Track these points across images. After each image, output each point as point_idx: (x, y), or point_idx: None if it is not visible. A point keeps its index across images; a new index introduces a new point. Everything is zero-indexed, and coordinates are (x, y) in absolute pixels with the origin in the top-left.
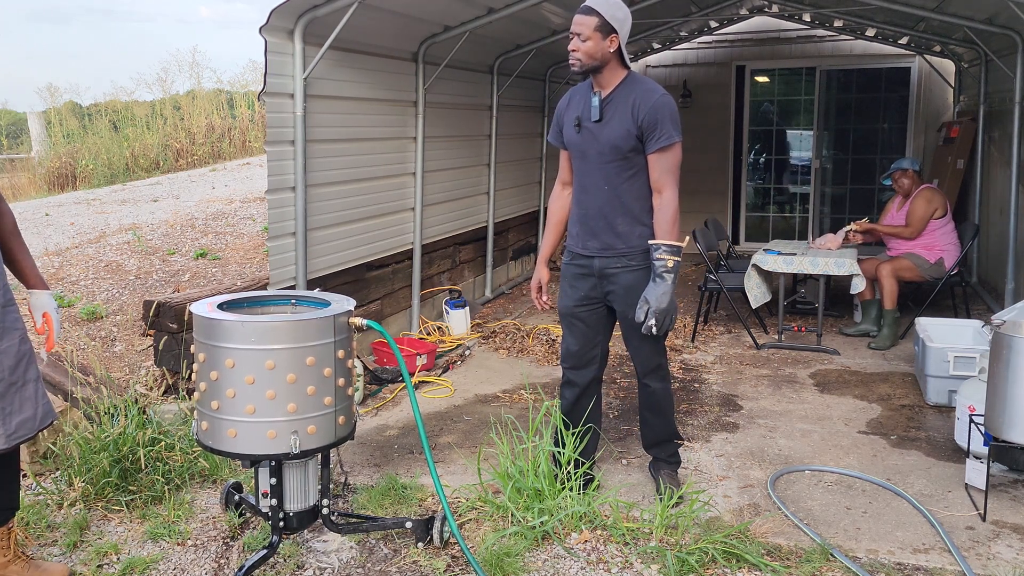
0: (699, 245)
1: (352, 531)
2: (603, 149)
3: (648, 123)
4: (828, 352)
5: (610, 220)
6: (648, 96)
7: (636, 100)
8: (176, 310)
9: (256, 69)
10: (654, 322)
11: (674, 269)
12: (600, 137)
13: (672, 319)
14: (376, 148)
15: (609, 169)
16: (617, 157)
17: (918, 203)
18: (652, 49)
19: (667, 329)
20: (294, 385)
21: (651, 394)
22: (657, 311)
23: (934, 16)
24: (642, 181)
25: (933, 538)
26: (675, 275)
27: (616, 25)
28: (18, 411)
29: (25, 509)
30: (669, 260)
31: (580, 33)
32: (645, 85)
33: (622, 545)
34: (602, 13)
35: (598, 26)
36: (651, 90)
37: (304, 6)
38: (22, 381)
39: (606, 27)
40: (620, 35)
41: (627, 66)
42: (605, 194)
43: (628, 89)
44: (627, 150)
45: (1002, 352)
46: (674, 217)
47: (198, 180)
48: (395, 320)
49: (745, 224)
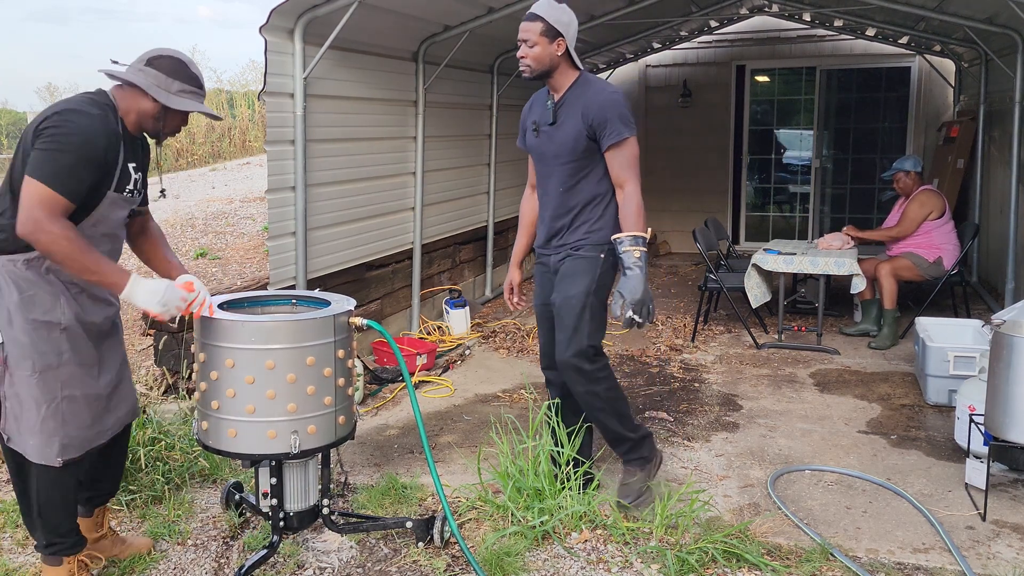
0: (699, 245)
1: (352, 531)
2: (558, 151)
3: (598, 122)
4: (828, 352)
5: (567, 220)
6: (597, 96)
7: (586, 101)
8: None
9: (256, 69)
10: (632, 313)
11: (642, 259)
12: (555, 139)
13: (650, 309)
14: (376, 148)
15: (564, 171)
16: (572, 159)
17: (913, 205)
18: (652, 49)
19: (649, 319)
20: (294, 385)
21: (578, 396)
22: (633, 302)
23: (934, 16)
24: (596, 181)
25: (933, 538)
26: (644, 265)
27: (561, 29)
28: (125, 400)
29: None
30: (635, 251)
31: (527, 40)
32: (595, 85)
33: (622, 545)
34: (546, 18)
35: (543, 31)
36: (600, 90)
37: (304, 6)
38: (125, 378)
39: (551, 31)
40: (567, 38)
41: (579, 67)
42: (561, 196)
43: (580, 90)
44: (580, 151)
45: (1002, 352)
46: (638, 210)
47: (198, 180)
48: (395, 320)
49: (745, 224)
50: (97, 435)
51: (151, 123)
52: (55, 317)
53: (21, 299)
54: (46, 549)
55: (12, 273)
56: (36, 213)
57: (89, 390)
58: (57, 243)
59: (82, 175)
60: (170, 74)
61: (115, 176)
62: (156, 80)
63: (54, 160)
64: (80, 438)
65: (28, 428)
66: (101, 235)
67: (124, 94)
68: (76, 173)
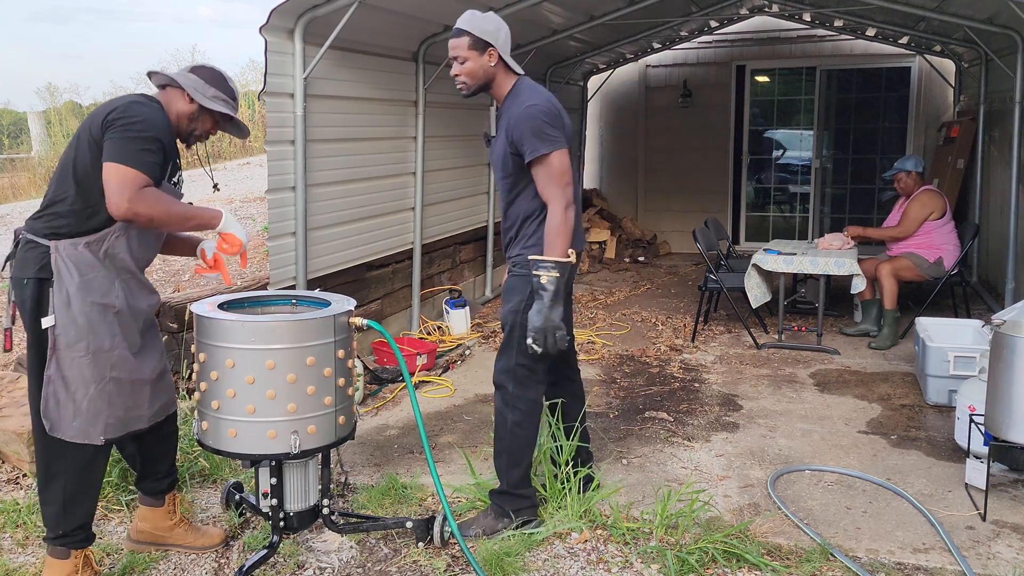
0: (699, 245)
1: (352, 531)
2: (496, 164)
3: (516, 138)
4: (828, 352)
5: (511, 234)
6: (516, 110)
7: (509, 115)
8: (176, 310)
9: (256, 69)
10: (530, 341)
11: (550, 284)
12: (494, 152)
13: (553, 339)
14: (376, 148)
15: (504, 185)
16: (505, 174)
17: (914, 205)
18: (652, 49)
19: (550, 348)
20: (294, 385)
21: (495, 410)
22: (532, 329)
23: (934, 16)
24: (531, 197)
25: (933, 538)
26: (552, 292)
27: (489, 38)
28: (161, 396)
29: (26, 509)
30: (543, 276)
31: (457, 56)
32: (519, 97)
33: (622, 545)
34: (471, 31)
35: (471, 44)
36: (521, 102)
37: (304, 6)
38: (165, 370)
39: (479, 43)
40: (497, 46)
41: (517, 73)
42: (505, 209)
43: (510, 102)
44: (511, 167)
45: (1002, 352)
46: (557, 230)
47: (198, 180)
48: (395, 320)
49: (745, 224)
50: (137, 419)
51: (186, 123)
52: (110, 300)
53: (82, 282)
54: (58, 540)
55: (73, 257)
56: (127, 192)
57: (135, 375)
58: (153, 209)
59: (153, 158)
60: (208, 81)
61: (168, 166)
62: (195, 84)
63: (131, 144)
64: (123, 419)
65: (73, 409)
66: None
67: (166, 96)
68: (149, 155)
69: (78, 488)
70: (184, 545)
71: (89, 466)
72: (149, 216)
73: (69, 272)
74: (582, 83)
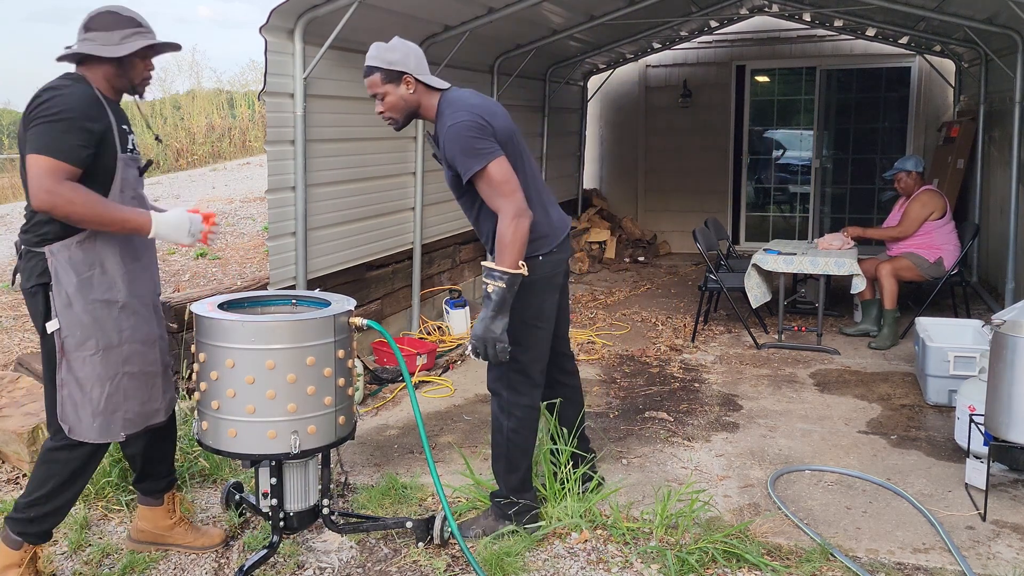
0: (699, 245)
1: (352, 531)
2: (449, 187)
3: (449, 159)
4: (828, 352)
5: (489, 245)
6: (442, 131)
7: (441, 137)
8: (176, 310)
9: (256, 69)
10: (470, 349)
11: (494, 296)
12: (445, 175)
13: (495, 349)
14: (376, 148)
15: (463, 203)
16: (459, 192)
17: (914, 205)
18: (652, 49)
19: (491, 359)
20: (294, 385)
21: (492, 415)
22: (473, 337)
23: (934, 16)
24: (490, 210)
25: (933, 538)
26: (496, 303)
27: (399, 67)
28: (169, 388)
29: None
30: (489, 285)
31: (375, 94)
32: (442, 118)
33: (622, 545)
34: (379, 66)
35: (384, 79)
36: (444, 124)
37: (304, 6)
38: (169, 364)
39: (392, 75)
40: (410, 71)
41: (439, 90)
42: (474, 224)
43: (439, 123)
44: (460, 186)
45: (1002, 352)
46: (505, 240)
47: (198, 180)
48: (395, 320)
49: (745, 224)
50: (155, 412)
51: (120, 81)
52: (113, 295)
53: (79, 281)
54: (23, 526)
55: (68, 258)
56: (44, 183)
57: (147, 367)
58: (72, 203)
59: (74, 140)
60: (109, 28)
61: (115, 138)
62: (101, 40)
63: (46, 132)
64: (141, 413)
65: (92, 409)
66: (130, 198)
67: (85, 68)
68: (69, 139)
69: (73, 484)
70: (184, 545)
71: (90, 464)
72: (67, 211)
73: (67, 274)
74: (582, 83)
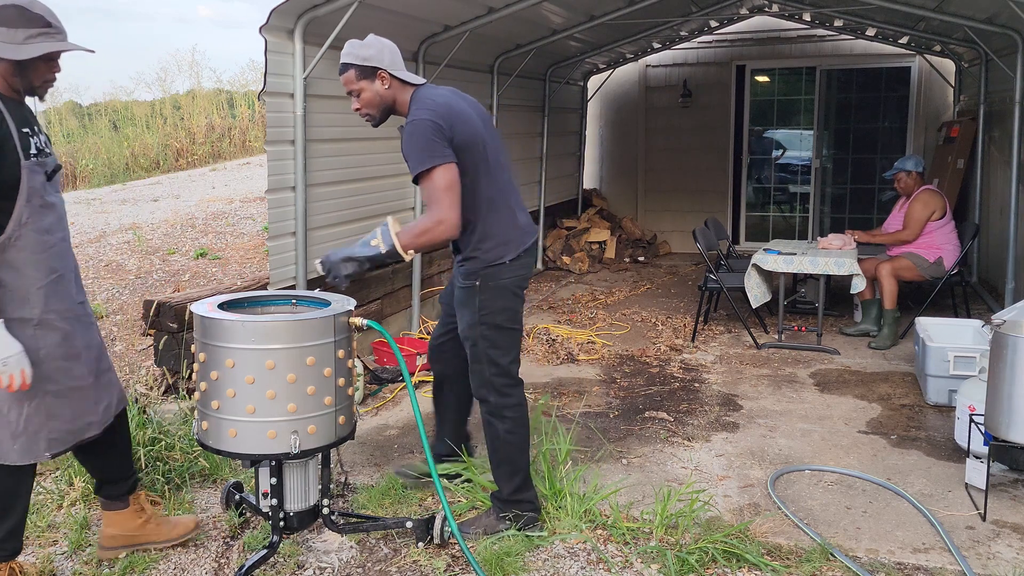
0: (699, 245)
1: (352, 531)
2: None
3: (405, 155)
4: (828, 352)
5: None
6: (405, 127)
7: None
8: (176, 310)
9: (256, 69)
10: (318, 262)
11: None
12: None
13: (334, 277)
14: (376, 148)
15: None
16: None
17: (915, 206)
18: (652, 49)
19: (327, 279)
20: (294, 385)
21: (483, 422)
22: (327, 257)
23: (934, 16)
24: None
25: (933, 538)
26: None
27: (373, 63)
28: (105, 396)
29: None
30: (378, 241)
31: (351, 91)
32: (409, 115)
33: (622, 545)
34: (353, 63)
35: (359, 75)
36: (407, 120)
37: (304, 6)
38: (107, 367)
39: (366, 71)
40: (385, 67)
41: (414, 85)
42: None
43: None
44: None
45: (1002, 352)
46: (420, 231)
47: (198, 180)
48: (395, 320)
49: (745, 224)
50: (87, 427)
51: (17, 82)
52: (26, 313)
53: None
54: None
55: None
56: None
57: (73, 382)
58: None
59: None
60: (12, 25)
61: (16, 144)
62: (0, 37)
63: None
64: (67, 431)
65: (11, 431)
66: (39, 207)
67: None
68: None
69: (14, 504)
70: (159, 540)
71: (22, 483)
72: None
73: None
74: (582, 83)
